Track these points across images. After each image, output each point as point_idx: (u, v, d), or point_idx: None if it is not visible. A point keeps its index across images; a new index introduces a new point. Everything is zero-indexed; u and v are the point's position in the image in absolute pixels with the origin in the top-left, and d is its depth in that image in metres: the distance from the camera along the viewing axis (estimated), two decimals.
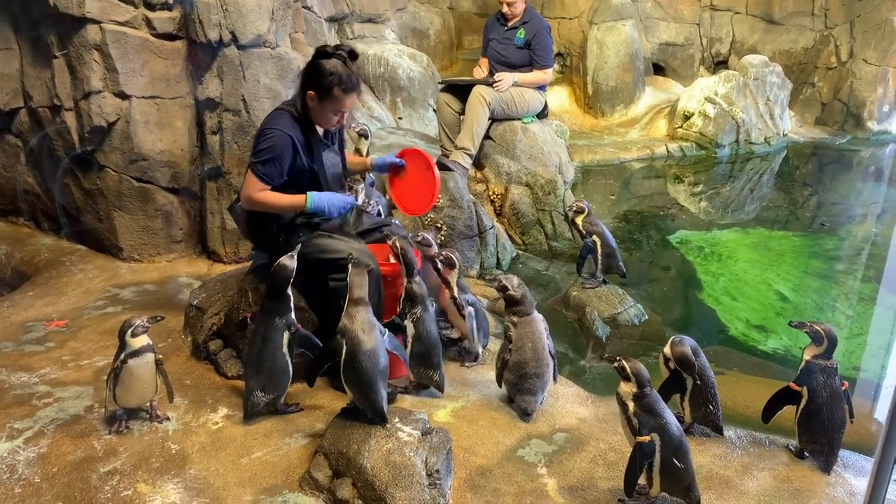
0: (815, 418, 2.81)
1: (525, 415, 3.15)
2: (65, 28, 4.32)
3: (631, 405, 2.51)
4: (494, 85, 5.44)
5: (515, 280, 3.24)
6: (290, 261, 3.00)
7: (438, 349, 3.21)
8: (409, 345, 3.18)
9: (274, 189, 3.19)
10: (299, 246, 3.10)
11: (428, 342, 3.17)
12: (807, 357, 2.85)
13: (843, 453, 2.92)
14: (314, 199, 3.18)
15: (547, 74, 5.64)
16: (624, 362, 2.55)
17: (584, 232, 4.42)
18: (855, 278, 5.40)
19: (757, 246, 5.99)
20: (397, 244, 3.23)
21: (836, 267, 5.64)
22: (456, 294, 3.48)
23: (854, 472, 2.84)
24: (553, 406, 3.25)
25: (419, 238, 3.60)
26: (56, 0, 4.16)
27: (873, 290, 5.20)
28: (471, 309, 3.50)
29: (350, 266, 2.90)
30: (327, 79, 3.10)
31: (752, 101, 8.68)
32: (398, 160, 3.56)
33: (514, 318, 3.19)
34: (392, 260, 3.35)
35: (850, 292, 5.18)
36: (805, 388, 2.81)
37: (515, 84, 5.49)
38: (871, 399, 3.96)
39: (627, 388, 2.53)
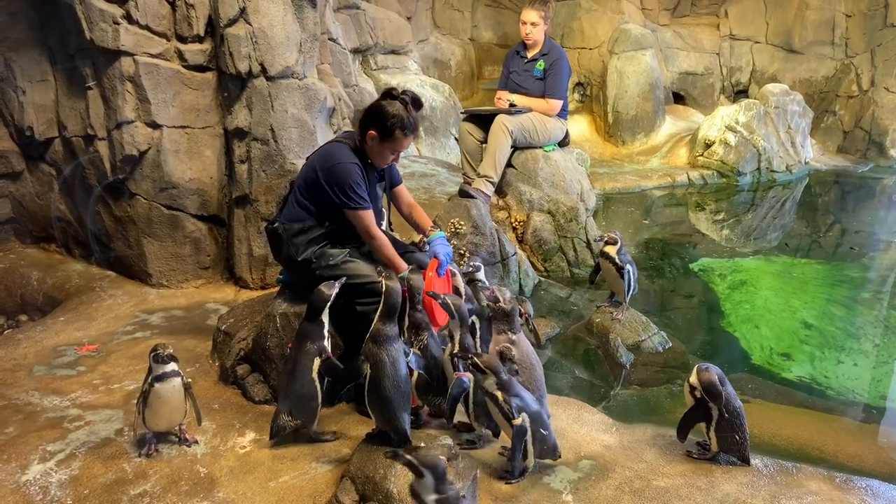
0: None
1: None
2: (99, 60, 4.45)
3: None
4: (495, 100, 5.61)
5: (507, 293, 3.09)
6: (328, 289, 3.04)
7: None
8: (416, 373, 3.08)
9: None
10: (344, 279, 3.13)
11: (436, 369, 3.13)
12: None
13: (873, 483, 2.89)
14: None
15: (550, 105, 5.51)
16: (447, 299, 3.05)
17: (620, 264, 4.39)
18: (881, 306, 5.35)
19: (780, 274, 5.97)
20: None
21: (861, 294, 5.60)
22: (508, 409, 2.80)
23: (884, 503, 2.80)
24: (578, 433, 3.24)
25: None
26: (93, 34, 4.30)
27: None
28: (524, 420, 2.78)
29: (383, 288, 2.92)
30: (390, 120, 3.22)
31: (774, 130, 8.69)
32: (440, 270, 3.41)
33: (512, 336, 3.03)
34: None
35: (875, 320, 5.13)
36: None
37: (513, 105, 5.51)
38: None
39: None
